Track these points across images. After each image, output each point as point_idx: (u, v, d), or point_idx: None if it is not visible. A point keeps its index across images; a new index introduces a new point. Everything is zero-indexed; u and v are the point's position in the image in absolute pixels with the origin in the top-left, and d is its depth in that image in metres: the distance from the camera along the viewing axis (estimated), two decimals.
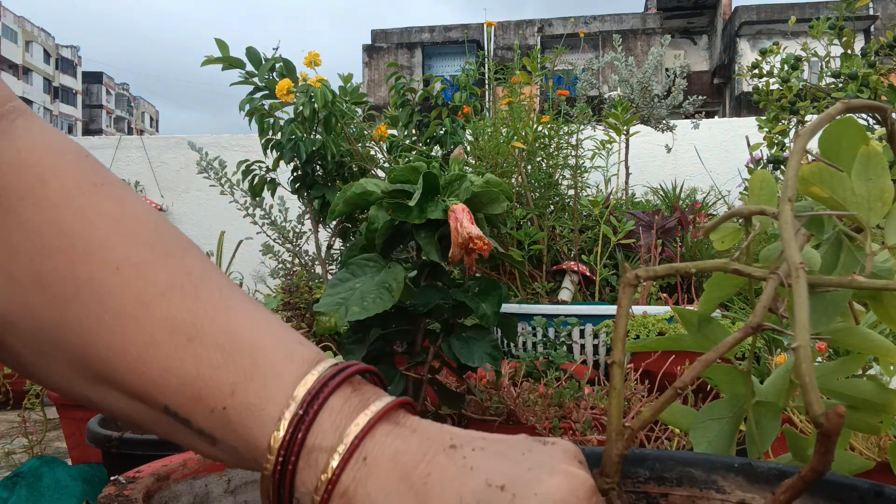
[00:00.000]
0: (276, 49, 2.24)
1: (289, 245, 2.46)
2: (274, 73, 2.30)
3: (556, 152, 2.43)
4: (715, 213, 2.95)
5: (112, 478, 0.60)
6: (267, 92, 2.31)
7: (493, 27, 3.16)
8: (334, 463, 0.33)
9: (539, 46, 3.40)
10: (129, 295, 0.35)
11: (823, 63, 2.34)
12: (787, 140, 2.35)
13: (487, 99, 3.30)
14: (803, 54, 2.40)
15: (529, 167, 2.39)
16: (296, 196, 2.43)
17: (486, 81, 3.13)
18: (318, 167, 2.34)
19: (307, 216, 2.44)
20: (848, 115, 0.41)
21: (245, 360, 0.35)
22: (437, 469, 0.33)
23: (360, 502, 0.32)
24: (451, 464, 0.33)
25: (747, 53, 18.73)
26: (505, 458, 0.33)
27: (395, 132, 2.55)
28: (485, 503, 0.31)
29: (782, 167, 2.28)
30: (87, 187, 0.38)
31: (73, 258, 0.36)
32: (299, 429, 0.33)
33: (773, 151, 2.34)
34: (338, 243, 2.41)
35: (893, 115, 0.43)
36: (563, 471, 0.32)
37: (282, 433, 0.33)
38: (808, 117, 2.28)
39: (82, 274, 0.36)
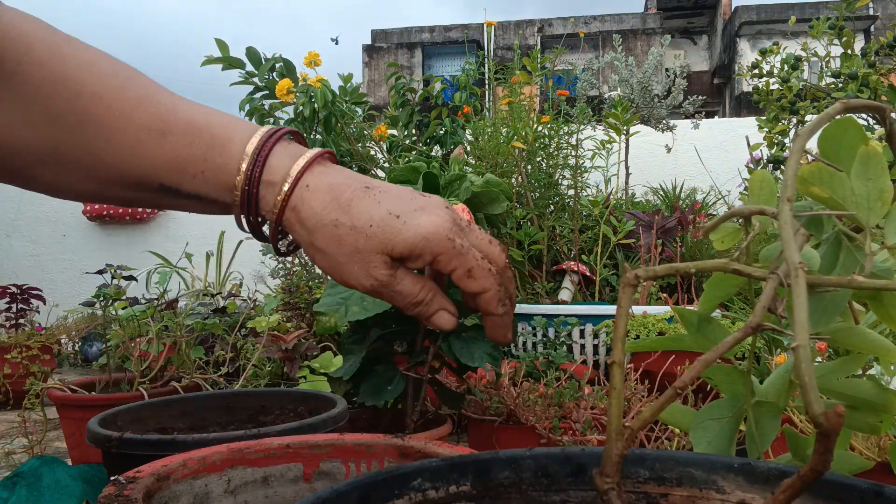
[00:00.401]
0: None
1: None
2: (274, 73, 2.30)
3: (556, 152, 2.43)
4: (715, 213, 2.95)
5: (112, 478, 0.60)
6: (267, 92, 2.31)
7: (493, 27, 3.16)
8: (286, 187, 0.49)
9: (539, 46, 3.40)
10: (113, 115, 0.49)
11: (823, 63, 2.34)
12: (786, 140, 2.35)
13: (487, 99, 3.29)
14: (803, 54, 2.40)
15: (529, 167, 2.39)
16: None
17: (486, 81, 3.13)
18: None
19: None
20: (847, 114, 0.41)
21: (205, 136, 0.50)
22: (357, 197, 0.49)
23: (305, 213, 0.48)
24: (367, 195, 0.49)
25: (747, 53, 18.72)
26: (400, 199, 0.49)
27: (395, 132, 2.55)
28: (385, 222, 0.48)
29: (782, 167, 2.28)
30: (61, 43, 0.50)
31: (69, 99, 0.49)
32: (255, 169, 0.49)
33: (772, 151, 2.34)
34: None
35: (893, 114, 0.43)
36: (436, 212, 0.49)
37: (242, 175, 0.49)
38: (807, 117, 2.28)
39: (77, 108, 0.49)
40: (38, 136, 0.49)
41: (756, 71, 2.42)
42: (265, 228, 0.52)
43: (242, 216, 0.51)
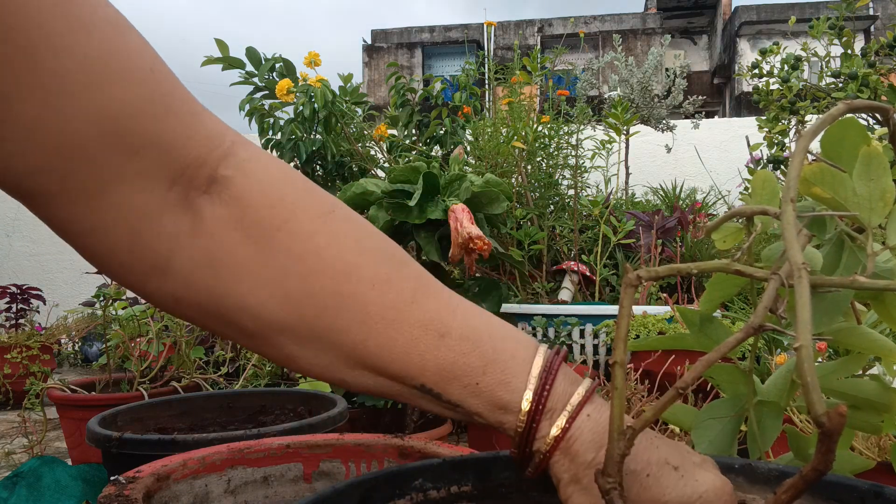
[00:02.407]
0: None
1: None
2: (274, 73, 2.30)
3: (556, 152, 2.43)
4: (715, 213, 2.95)
5: (112, 478, 0.60)
6: (267, 92, 2.31)
7: (493, 27, 3.16)
8: (563, 421, 0.44)
9: (539, 46, 3.40)
10: (387, 305, 0.45)
11: (823, 63, 2.34)
12: (787, 140, 2.35)
13: (487, 99, 3.29)
14: (803, 54, 2.40)
15: (529, 167, 2.39)
16: None
17: (486, 81, 3.13)
18: (318, 167, 2.34)
19: None
20: (849, 115, 0.41)
21: (487, 346, 0.45)
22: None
23: (577, 447, 0.43)
24: (644, 439, 0.43)
25: (747, 53, 18.72)
26: (676, 450, 0.43)
27: (395, 132, 2.55)
28: (662, 472, 0.42)
29: (782, 167, 2.28)
30: (325, 213, 0.47)
31: (336, 278, 0.45)
32: (542, 395, 0.44)
33: (773, 151, 2.34)
34: None
35: (894, 115, 0.43)
36: (714, 472, 0.43)
37: (529, 399, 0.44)
38: (808, 117, 2.28)
39: (346, 290, 0.45)
40: (289, 308, 0.45)
41: (756, 71, 2.42)
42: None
43: (520, 439, 0.45)
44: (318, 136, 2.26)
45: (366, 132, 2.38)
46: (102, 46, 0.40)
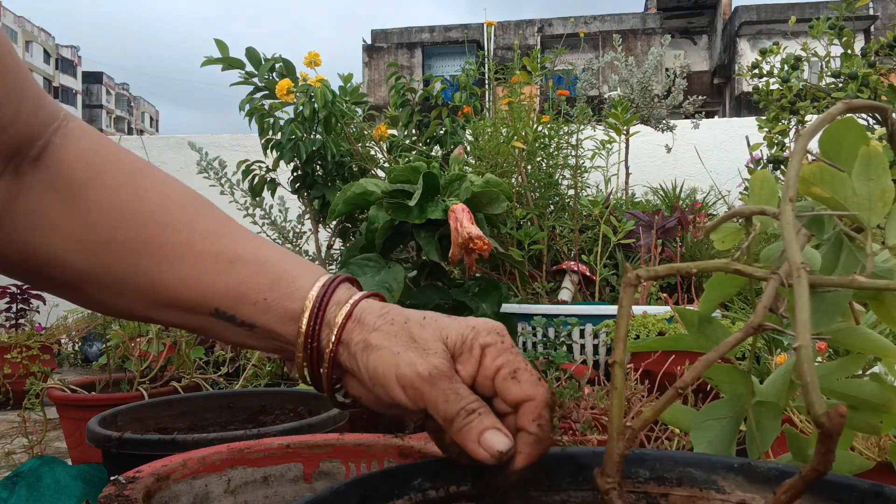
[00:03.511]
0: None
1: (289, 245, 2.46)
2: (274, 74, 2.30)
3: (556, 152, 2.43)
4: (715, 213, 2.95)
5: (112, 478, 0.60)
6: (267, 92, 2.31)
7: (493, 27, 3.16)
8: (351, 301, 0.50)
9: (539, 46, 3.40)
10: (184, 244, 0.51)
11: (823, 63, 2.34)
12: (787, 140, 2.35)
13: (487, 99, 3.29)
14: (803, 54, 2.40)
15: (529, 167, 2.39)
16: (296, 196, 2.42)
17: (486, 81, 3.13)
18: (318, 167, 2.34)
19: (307, 216, 2.43)
20: (848, 115, 0.41)
21: (276, 268, 0.51)
22: (410, 313, 0.49)
23: (365, 318, 0.48)
24: (420, 314, 0.49)
25: (747, 53, 18.71)
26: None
27: (395, 132, 2.55)
28: (435, 317, 0.49)
29: (782, 167, 2.28)
30: (133, 171, 0.53)
31: (137, 225, 0.51)
32: (322, 302, 0.49)
33: (773, 151, 2.34)
34: (338, 243, 2.41)
35: (894, 115, 0.43)
36: (484, 318, 0.49)
37: (311, 300, 0.49)
38: (808, 117, 2.28)
39: (146, 235, 0.50)
40: (93, 258, 0.51)
41: (756, 71, 2.42)
42: (322, 370, 0.51)
43: (304, 341, 0.50)
44: (318, 136, 2.26)
45: (366, 132, 2.38)
46: None
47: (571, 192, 2.42)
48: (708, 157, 3.88)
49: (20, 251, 0.51)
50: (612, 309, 1.72)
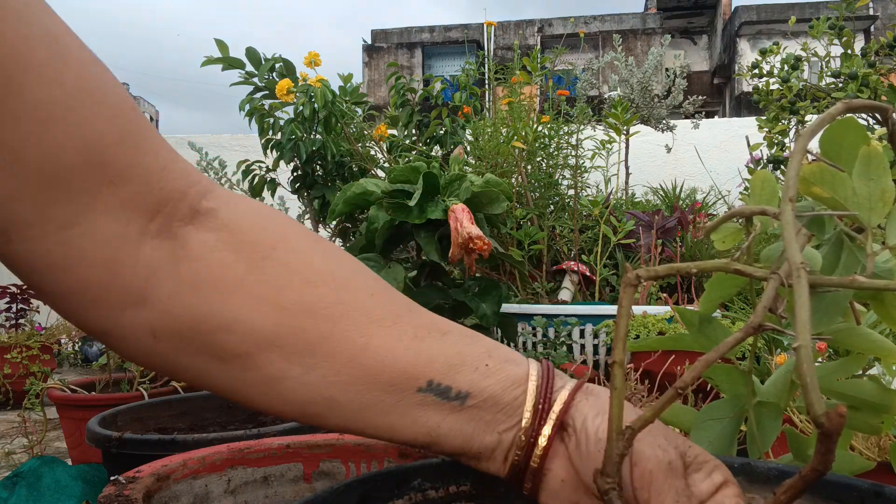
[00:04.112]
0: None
1: None
2: (274, 74, 2.30)
3: (556, 152, 2.43)
4: (715, 213, 2.95)
5: (112, 478, 0.60)
6: (267, 92, 2.31)
7: (493, 27, 3.16)
8: (566, 392, 0.44)
9: (539, 46, 3.40)
10: (387, 311, 0.46)
11: (823, 63, 2.34)
12: (787, 140, 2.35)
13: (487, 99, 3.29)
14: (803, 54, 2.40)
15: (529, 167, 2.39)
16: (296, 196, 2.42)
17: (486, 81, 3.13)
18: (318, 167, 2.34)
19: (307, 216, 2.44)
20: (849, 115, 0.41)
21: (487, 340, 0.47)
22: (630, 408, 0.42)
23: (575, 417, 0.43)
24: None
25: (747, 53, 18.71)
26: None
27: (395, 132, 2.55)
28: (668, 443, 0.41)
29: (782, 167, 2.28)
30: (315, 238, 0.49)
31: (335, 287, 0.46)
32: (548, 371, 0.46)
33: (773, 151, 2.34)
34: (338, 243, 2.41)
35: (894, 115, 0.43)
36: (664, 433, 0.41)
37: (536, 377, 0.45)
38: (808, 117, 2.28)
39: (345, 298, 0.45)
40: (284, 318, 0.44)
41: (756, 71, 2.42)
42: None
43: (533, 403, 0.44)
44: (318, 136, 2.26)
45: (366, 132, 2.39)
46: (84, 77, 0.41)
47: (571, 192, 2.42)
48: (708, 157, 3.88)
49: (186, 319, 0.44)
50: (612, 309, 1.72)
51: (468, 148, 2.49)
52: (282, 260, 0.45)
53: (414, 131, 2.59)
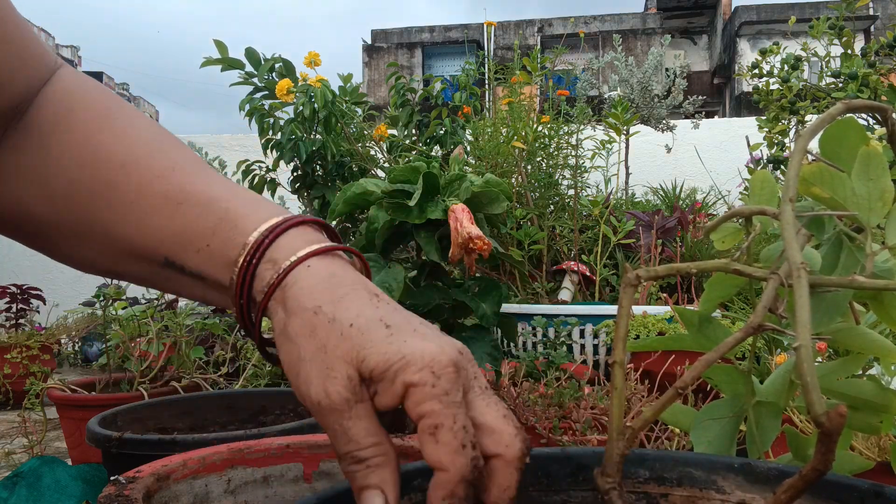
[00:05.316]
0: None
1: None
2: (273, 74, 2.30)
3: (556, 152, 2.43)
4: (715, 213, 2.95)
5: (112, 478, 0.60)
6: (267, 92, 2.31)
7: (493, 27, 3.16)
8: (286, 264, 0.42)
9: (539, 46, 3.40)
10: (140, 184, 0.47)
11: (823, 63, 2.34)
12: (787, 140, 2.35)
13: (487, 99, 3.29)
14: (803, 54, 2.40)
15: (529, 167, 2.39)
16: (296, 196, 2.42)
17: (486, 81, 3.13)
18: (318, 167, 2.34)
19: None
20: (848, 115, 0.41)
21: (220, 208, 0.45)
22: (356, 295, 0.41)
23: (292, 291, 0.41)
24: (368, 298, 0.40)
25: (747, 53, 18.72)
26: (405, 317, 0.40)
27: (395, 132, 2.55)
28: (369, 326, 0.38)
29: (782, 167, 2.28)
30: (102, 111, 0.50)
31: (97, 168, 0.47)
32: (264, 242, 0.43)
33: (773, 151, 2.34)
34: None
35: (894, 115, 0.43)
36: (438, 343, 0.38)
37: (248, 248, 0.43)
38: (808, 117, 2.28)
39: (106, 178, 0.47)
40: (56, 206, 0.48)
41: (756, 71, 2.42)
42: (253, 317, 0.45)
43: (237, 285, 0.44)
44: (318, 136, 2.26)
45: (366, 132, 2.39)
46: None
47: (571, 192, 2.42)
48: (708, 157, 3.88)
49: None
50: (612, 309, 1.72)
51: (468, 148, 2.49)
52: (57, 142, 0.49)
53: (414, 131, 2.60)
